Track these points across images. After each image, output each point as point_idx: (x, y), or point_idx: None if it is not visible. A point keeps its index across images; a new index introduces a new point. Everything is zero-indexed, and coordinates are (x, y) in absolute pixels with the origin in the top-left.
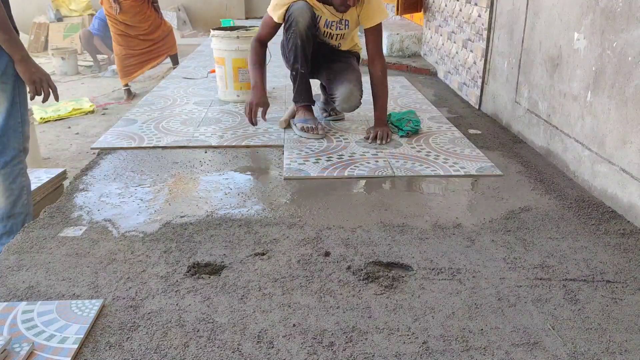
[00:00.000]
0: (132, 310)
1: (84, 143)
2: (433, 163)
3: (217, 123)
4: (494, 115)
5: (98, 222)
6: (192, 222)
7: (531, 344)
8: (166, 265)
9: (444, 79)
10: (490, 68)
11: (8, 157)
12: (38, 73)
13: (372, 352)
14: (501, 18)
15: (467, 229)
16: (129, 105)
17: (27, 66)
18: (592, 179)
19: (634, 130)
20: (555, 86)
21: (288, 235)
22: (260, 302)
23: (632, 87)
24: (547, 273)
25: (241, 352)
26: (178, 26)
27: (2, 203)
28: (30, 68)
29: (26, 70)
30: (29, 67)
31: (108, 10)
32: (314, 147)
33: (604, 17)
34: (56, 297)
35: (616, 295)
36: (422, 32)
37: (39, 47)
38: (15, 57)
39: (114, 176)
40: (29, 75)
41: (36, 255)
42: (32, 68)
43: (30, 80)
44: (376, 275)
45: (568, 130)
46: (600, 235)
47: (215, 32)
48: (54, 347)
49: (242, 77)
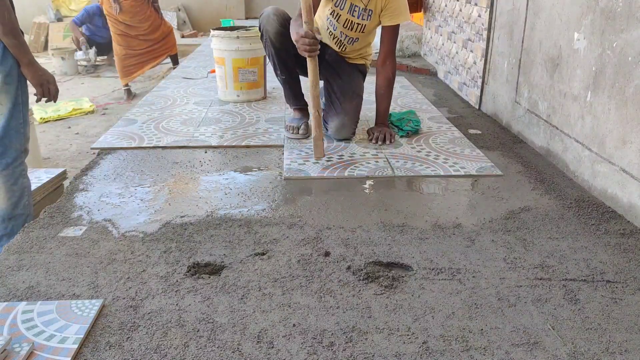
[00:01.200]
0: (132, 310)
1: (84, 143)
2: (433, 163)
3: (217, 123)
4: (494, 115)
5: (98, 222)
6: (192, 222)
7: (531, 344)
8: (166, 265)
9: (444, 79)
10: (490, 68)
11: (10, 159)
12: (45, 75)
13: (372, 352)
14: (501, 18)
15: (467, 229)
16: (129, 105)
17: (34, 69)
18: (592, 179)
19: (634, 130)
20: (555, 86)
21: (288, 235)
22: (260, 302)
23: (632, 87)
24: (547, 273)
25: (241, 352)
26: (178, 26)
27: (4, 204)
28: (37, 71)
29: (34, 73)
30: (36, 70)
31: (108, 10)
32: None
33: (604, 17)
34: (56, 297)
35: (616, 295)
36: (422, 32)
37: (39, 47)
38: (22, 60)
39: (114, 176)
40: (37, 78)
41: (36, 255)
42: (38, 71)
43: (38, 83)
44: (376, 275)
45: (568, 130)
46: (600, 235)
47: (215, 32)
48: (54, 347)
49: (242, 77)
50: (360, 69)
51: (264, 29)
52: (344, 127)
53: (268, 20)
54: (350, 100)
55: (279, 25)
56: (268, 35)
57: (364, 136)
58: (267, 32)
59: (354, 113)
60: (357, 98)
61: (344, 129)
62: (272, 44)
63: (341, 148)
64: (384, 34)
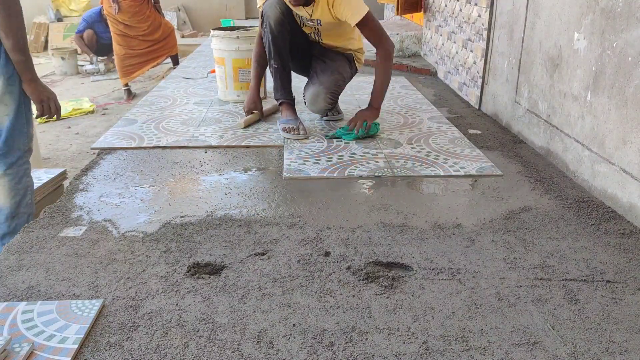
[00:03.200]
0: (132, 310)
1: (84, 143)
2: (433, 163)
3: (217, 123)
4: (494, 115)
5: (98, 222)
6: (192, 222)
7: (531, 344)
8: (166, 265)
9: (444, 79)
10: (490, 68)
11: (14, 158)
12: (46, 92)
13: (372, 352)
14: (501, 18)
15: (467, 229)
16: (129, 105)
17: (35, 86)
18: (592, 179)
19: (634, 130)
20: (555, 86)
21: (288, 235)
22: (260, 302)
23: (632, 87)
24: (547, 273)
25: (241, 352)
26: (178, 26)
27: (8, 203)
28: (38, 87)
29: (34, 90)
30: (37, 87)
31: (107, 9)
32: (314, 147)
33: (604, 17)
34: (56, 297)
35: (616, 295)
36: (422, 32)
37: (39, 47)
38: (25, 77)
39: (114, 176)
40: (37, 95)
41: (36, 255)
42: (40, 87)
43: (38, 99)
44: (376, 275)
45: (568, 130)
46: (600, 235)
47: (215, 32)
48: (54, 347)
49: (242, 77)
50: (346, 54)
51: (266, 14)
52: (318, 96)
53: (271, 6)
54: (328, 75)
55: (281, 13)
56: (268, 21)
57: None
58: (268, 17)
59: (330, 84)
60: (337, 74)
61: (318, 98)
62: (270, 29)
63: (341, 148)
64: (360, 31)
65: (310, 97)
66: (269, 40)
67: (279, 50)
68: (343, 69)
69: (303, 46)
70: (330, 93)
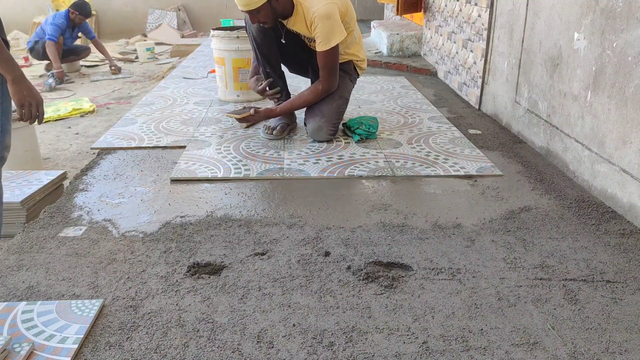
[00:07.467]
0: (132, 310)
1: (84, 143)
2: (433, 163)
3: (217, 123)
4: (494, 115)
5: (98, 222)
6: (192, 222)
7: (531, 344)
8: (166, 265)
9: (444, 79)
10: (490, 68)
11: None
12: (29, 97)
13: (372, 352)
14: (501, 18)
15: (467, 229)
16: (129, 105)
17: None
18: (592, 179)
19: (634, 130)
20: (555, 86)
21: (288, 235)
22: (260, 302)
23: (632, 87)
24: (547, 273)
25: (241, 352)
26: (178, 26)
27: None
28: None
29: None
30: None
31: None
32: (314, 147)
33: (604, 17)
34: (56, 297)
35: (616, 295)
36: (422, 32)
37: None
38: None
39: (114, 176)
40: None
41: (36, 255)
42: (24, 90)
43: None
44: (376, 275)
45: (568, 130)
46: (600, 235)
47: (215, 32)
48: (54, 347)
49: (242, 77)
50: (345, 69)
51: (247, 23)
52: (320, 130)
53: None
54: (330, 102)
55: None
56: (250, 30)
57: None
58: (249, 26)
59: (332, 115)
60: (338, 99)
61: (320, 132)
62: (253, 37)
63: (341, 148)
64: (317, 57)
65: (312, 130)
66: (255, 48)
67: (265, 56)
68: (343, 89)
69: (294, 48)
70: (332, 125)
